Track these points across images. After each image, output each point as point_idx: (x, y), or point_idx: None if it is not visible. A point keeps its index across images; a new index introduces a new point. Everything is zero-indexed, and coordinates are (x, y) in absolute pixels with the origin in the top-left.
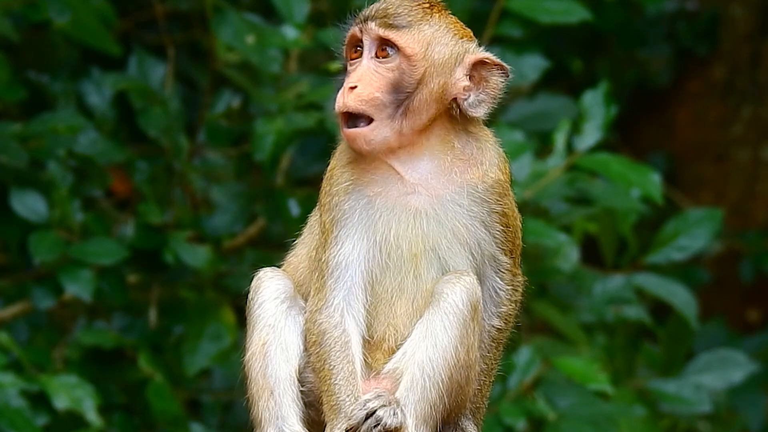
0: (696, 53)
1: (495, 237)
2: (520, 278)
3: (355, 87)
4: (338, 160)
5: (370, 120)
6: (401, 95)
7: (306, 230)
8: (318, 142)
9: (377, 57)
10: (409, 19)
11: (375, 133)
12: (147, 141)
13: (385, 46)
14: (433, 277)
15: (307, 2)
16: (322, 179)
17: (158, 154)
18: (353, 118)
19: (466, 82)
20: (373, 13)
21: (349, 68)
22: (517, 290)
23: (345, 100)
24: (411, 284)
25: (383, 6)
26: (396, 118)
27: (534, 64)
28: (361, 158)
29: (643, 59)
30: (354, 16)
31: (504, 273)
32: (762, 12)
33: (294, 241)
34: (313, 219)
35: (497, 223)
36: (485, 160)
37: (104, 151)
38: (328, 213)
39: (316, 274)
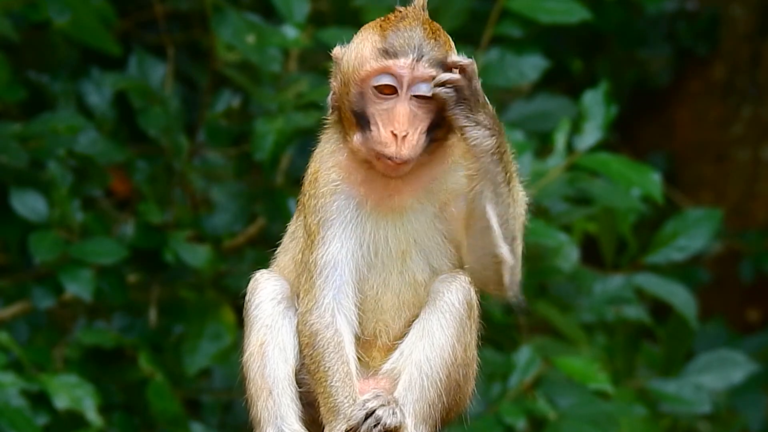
0: (696, 53)
1: None
2: None
3: (406, 135)
4: (322, 163)
5: None
6: (434, 129)
7: (286, 238)
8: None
9: (416, 97)
10: (441, 54)
11: (411, 164)
12: (147, 141)
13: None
14: (421, 269)
15: (307, 2)
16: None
17: (158, 153)
18: None
19: None
20: (416, 53)
21: (376, 103)
22: None
23: (401, 151)
24: (396, 279)
25: (418, 44)
26: (426, 147)
27: (534, 64)
28: (347, 161)
29: (643, 59)
30: (387, 52)
31: None
32: (762, 12)
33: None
34: (294, 226)
35: None
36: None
37: (104, 151)
38: (313, 215)
39: (305, 275)
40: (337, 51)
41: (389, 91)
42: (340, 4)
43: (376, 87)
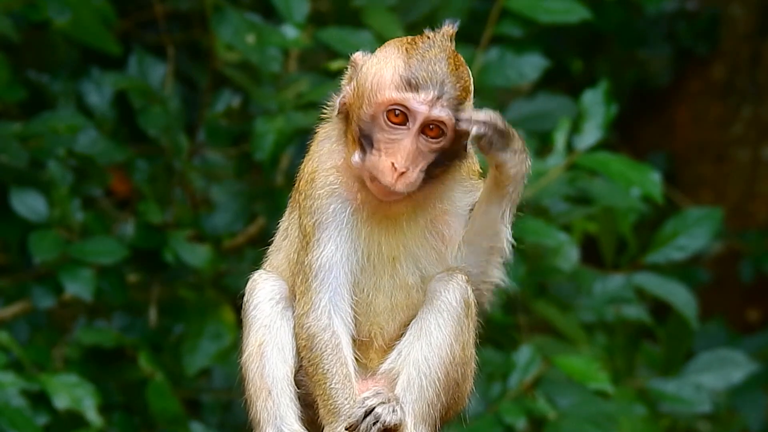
0: (696, 53)
1: None
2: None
3: (405, 171)
4: (320, 163)
5: None
6: (435, 167)
7: (279, 236)
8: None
9: (425, 134)
10: (463, 97)
11: (402, 196)
12: (147, 140)
13: (438, 125)
14: (411, 273)
15: (306, 2)
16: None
17: (158, 153)
18: None
19: None
20: (437, 90)
21: (385, 130)
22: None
23: (397, 185)
24: (387, 282)
25: (441, 80)
26: (423, 179)
27: (534, 64)
28: (346, 163)
29: (643, 59)
30: (409, 83)
31: None
32: (762, 12)
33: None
34: (286, 223)
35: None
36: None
37: (104, 151)
38: (309, 216)
39: (300, 277)
40: (358, 57)
41: (401, 121)
42: (340, 4)
43: (388, 116)
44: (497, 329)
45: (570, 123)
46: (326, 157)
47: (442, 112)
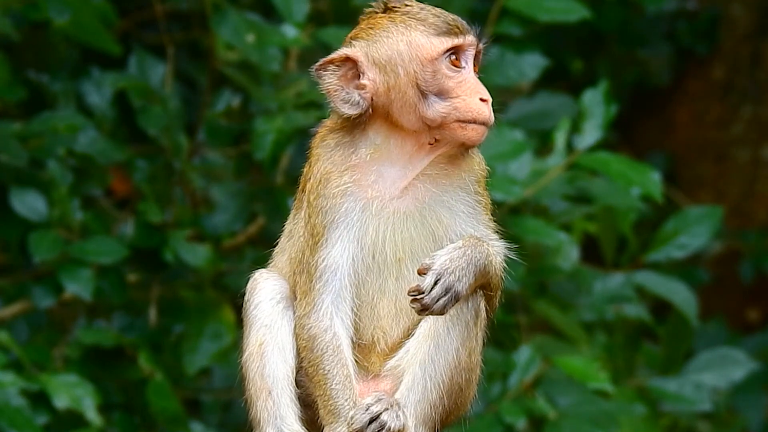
0: (696, 53)
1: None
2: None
3: (487, 101)
4: (333, 164)
5: None
6: None
7: (283, 238)
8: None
9: (474, 69)
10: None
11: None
12: (147, 140)
13: (478, 55)
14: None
15: (306, 1)
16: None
17: (158, 153)
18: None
19: None
20: (470, 28)
21: (452, 77)
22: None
23: (491, 114)
24: (393, 285)
25: (461, 22)
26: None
27: (534, 63)
28: (360, 163)
29: (643, 59)
30: (449, 32)
31: None
32: (762, 12)
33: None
34: (290, 225)
35: (483, 214)
36: (474, 155)
37: (104, 151)
38: (320, 215)
39: (304, 277)
40: (351, 53)
41: (458, 63)
42: (339, 3)
43: (452, 63)
44: (497, 329)
45: (570, 122)
46: (341, 159)
47: (480, 43)
